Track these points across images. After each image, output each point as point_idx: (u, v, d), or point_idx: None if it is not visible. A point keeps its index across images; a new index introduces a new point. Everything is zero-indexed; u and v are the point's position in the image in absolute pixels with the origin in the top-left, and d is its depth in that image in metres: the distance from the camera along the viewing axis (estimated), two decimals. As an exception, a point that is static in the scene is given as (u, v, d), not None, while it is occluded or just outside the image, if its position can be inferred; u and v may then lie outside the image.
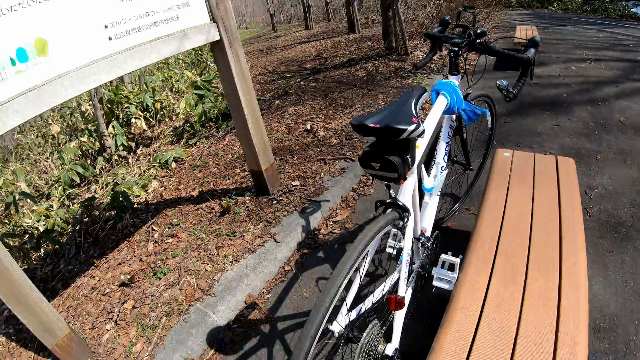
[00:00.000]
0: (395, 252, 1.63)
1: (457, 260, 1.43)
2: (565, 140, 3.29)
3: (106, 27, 1.50)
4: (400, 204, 1.20)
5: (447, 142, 1.71)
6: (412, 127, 1.01)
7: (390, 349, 1.18)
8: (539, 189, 1.68)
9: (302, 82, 5.43)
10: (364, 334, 1.12)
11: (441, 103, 1.46)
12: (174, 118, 4.34)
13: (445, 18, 1.72)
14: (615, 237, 2.08)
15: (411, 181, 1.26)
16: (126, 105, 3.76)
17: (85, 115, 4.22)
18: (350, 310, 1.25)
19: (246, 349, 1.72)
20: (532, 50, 1.40)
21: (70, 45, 1.40)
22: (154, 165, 3.24)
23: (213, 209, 2.57)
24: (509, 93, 1.41)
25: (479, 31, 1.49)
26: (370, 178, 3.01)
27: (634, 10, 11.90)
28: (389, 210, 1.19)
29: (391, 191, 1.22)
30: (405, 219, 1.21)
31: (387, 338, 1.23)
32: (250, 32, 15.61)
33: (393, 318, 1.24)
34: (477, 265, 1.30)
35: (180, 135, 4.01)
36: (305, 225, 2.37)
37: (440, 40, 1.68)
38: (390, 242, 1.64)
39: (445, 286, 1.42)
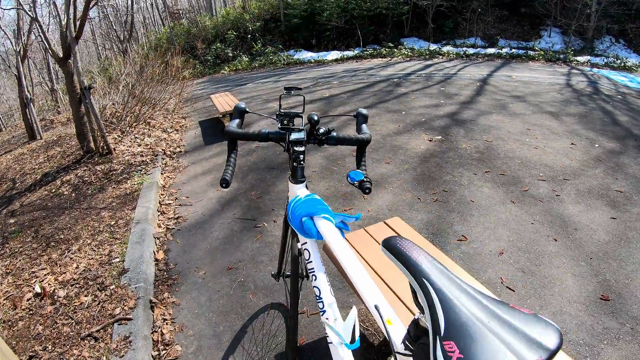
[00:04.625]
0: None
1: None
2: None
3: None
4: None
5: None
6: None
7: None
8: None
9: (-5, 223, 3.66)
10: None
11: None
12: None
13: (241, 106, 1.28)
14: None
15: None
16: None
17: None
18: None
19: None
20: (364, 125, 1.28)
21: None
22: None
23: None
24: (365, 182, 1.15)
25: (316, 118, 1.18)
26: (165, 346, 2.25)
27: (295, 57, 13.81)
28: None
29: None
30: None
31: None
32: None
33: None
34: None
35: None
36: None
37: (253, 137, 1.21)
38: None
39: None
